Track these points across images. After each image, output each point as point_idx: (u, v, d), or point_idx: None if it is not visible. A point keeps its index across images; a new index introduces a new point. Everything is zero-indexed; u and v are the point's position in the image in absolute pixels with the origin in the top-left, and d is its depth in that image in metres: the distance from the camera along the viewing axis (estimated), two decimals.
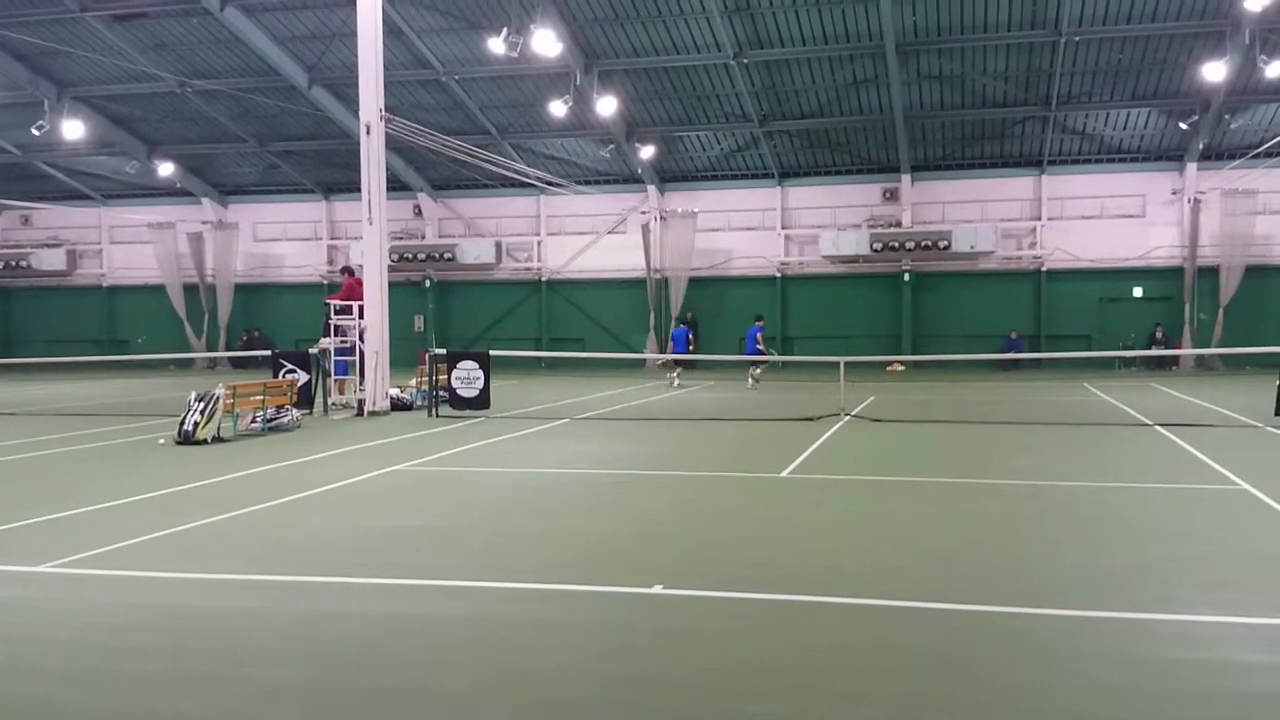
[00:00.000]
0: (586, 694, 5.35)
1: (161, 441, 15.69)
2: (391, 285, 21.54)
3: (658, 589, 7.16)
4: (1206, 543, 8.63)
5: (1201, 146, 33.01)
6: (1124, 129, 33.46)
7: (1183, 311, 34.13)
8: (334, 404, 20.33)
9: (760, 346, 28.07)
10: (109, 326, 42.55)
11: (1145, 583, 7.40)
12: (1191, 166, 33.72)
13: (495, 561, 8.12)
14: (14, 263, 42.08)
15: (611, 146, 35.20)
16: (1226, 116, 31.76)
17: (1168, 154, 34.20)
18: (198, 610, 6.86)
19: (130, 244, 42.44)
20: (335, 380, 20.89)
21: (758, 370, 28.62)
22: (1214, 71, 28.11)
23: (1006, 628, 6.35)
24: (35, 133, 33.79)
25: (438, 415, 19.37)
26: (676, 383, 28.44)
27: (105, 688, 5.48)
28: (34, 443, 15.83)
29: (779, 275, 37.19)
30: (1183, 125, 32.13)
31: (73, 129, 34.00)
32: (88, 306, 42.91)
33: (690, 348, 29.49)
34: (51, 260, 42.17)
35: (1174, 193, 34.32)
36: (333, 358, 20.78)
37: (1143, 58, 29.87)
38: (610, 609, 6.88)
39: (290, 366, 20.57)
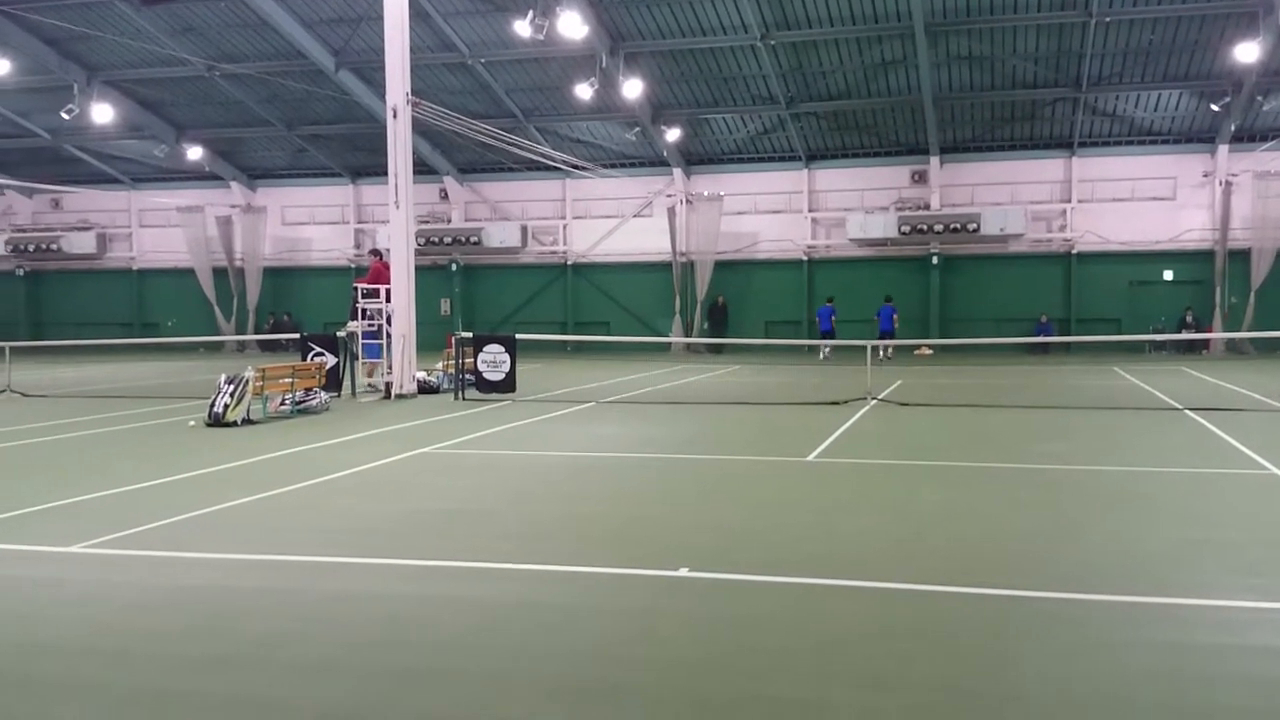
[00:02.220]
0: (611, 676, 5.36)
1: (192, 424, 15.81)
2: (418, 269, 21.58)
3: (684, 572, 7.17)
4: (1238, 528, 8.56)
5: (1233, 128, 32.61)
6: (1155, 111, 33.10)
7: (1214, 295, 33.80)
8: (369, 385, 20.37)
9: (895, 326, 32.45)
10: (139, 309, 42.87)
11: (1177, 568, 7.35)
12: (1223, 149, 33.32)
13: (520, 544, 8.14)
14: (44, 246, 42.43)
15: (637, 129, 35.11)
16: (1259, 98, 31.36)
17: (1199, 136, 33.82)
18: (226, 591, 6.92)
19: (159, 227, 42.73)
20: (366, 363, 20.99)
21: (889, 349, 31.37)
22: (1246, 52, 27.74)
23: (1037, 613, 6.32)
24: (65, 117, 34.00)
25: (464, 398, 19.42)
26: (824, 354, 31.68)
27: (134, 667, 5.54)
28: (65, 424, 15.98)
29: (806, 258, 37.05)
30: (1214, 107, 31.76)
31: (102, 113, 34.17)
32: (118, 289, 43.25)
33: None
34: (81, 243, 42.49)
35: (1205, 175, 33.95)
36: (363, 340, 20.88)
37: (1174, 39, 29.52)
38: (636, 592, 6.88)
39: (318, 349, 20.66)
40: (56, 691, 5.23)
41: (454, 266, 39.81)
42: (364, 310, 20.96)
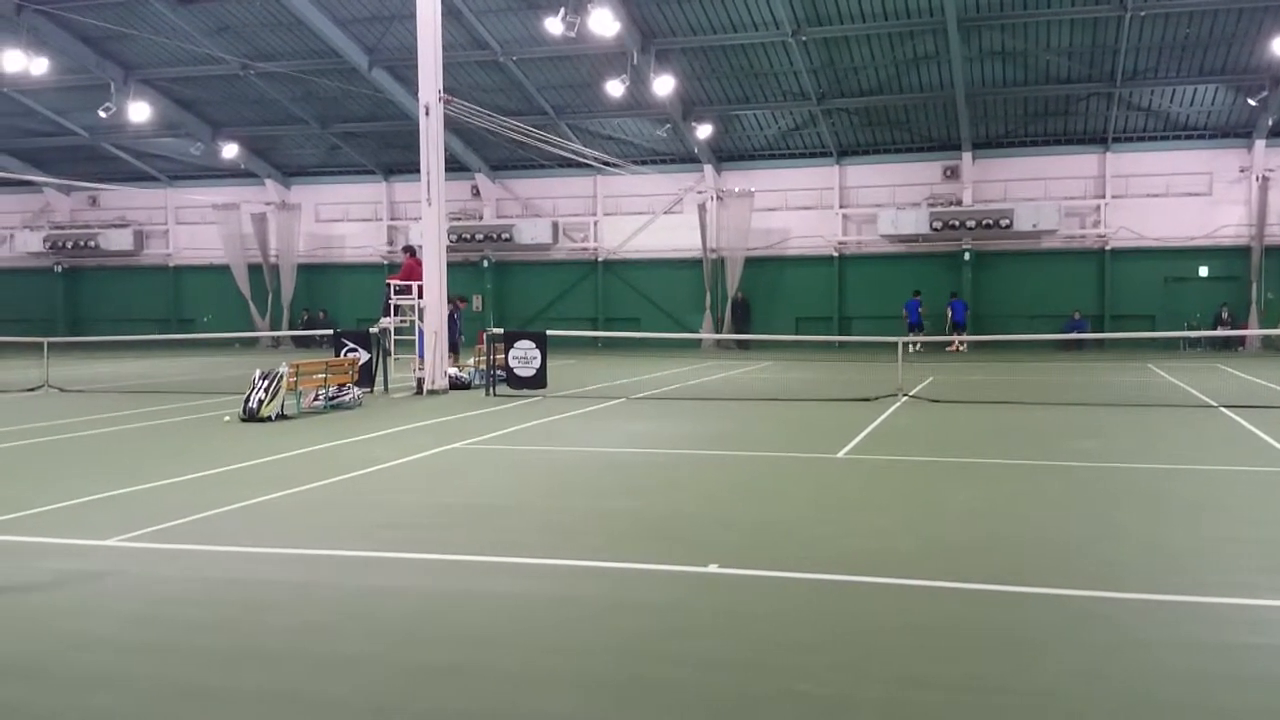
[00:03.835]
0: (640, 672, 5.39)
1: (227, 419, 15.96)
2: (450, 265, 21.69)
3: (713, 568, 7.18)
4: (1272, 527, 8.49)
5: (1270, 123, 32.26)
6: (1190, 105, 32.77)
7: (1250, 291, 33.45)
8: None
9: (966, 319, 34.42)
10: (175, 306, 43.28)
11: (1209, 566, 7.30)
12: (1260, 143, 32.98)
13: (551, 539, 8.19)
14: (82, 243, 42.93)
15: (668, 126, 35.11)
16: None
17: (1235, 131, 33.47)
18: (258, 584, 7.00)
19: (195, 224, 43.10)
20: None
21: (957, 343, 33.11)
22: None
23: (1067, 610, 6.30)
24: (102, 115, 34.36)
25: (495, 394, 19.51)
26: (913, 348, 32.36)
27: (169, 660, 5.61)
28: (102, 419, 16.17)
29: (836, 255, 36.95)
30: (1251, 101, 31.40)
31: (139, 111, 34.52)
32: (154, 286, 43.66)
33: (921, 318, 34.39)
34: (119, 240, 42.97)
35: (1241, 170, 33.60)
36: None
37: (1210, 32, 29.23)
38: (665, 588, 6.91)
39: (351, 345, 20.80)
40: (93, 682, 5.31)
41: (485, 263, 39.95)
42: (396, 307, 21.12)
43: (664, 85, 31.43)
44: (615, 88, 31.22)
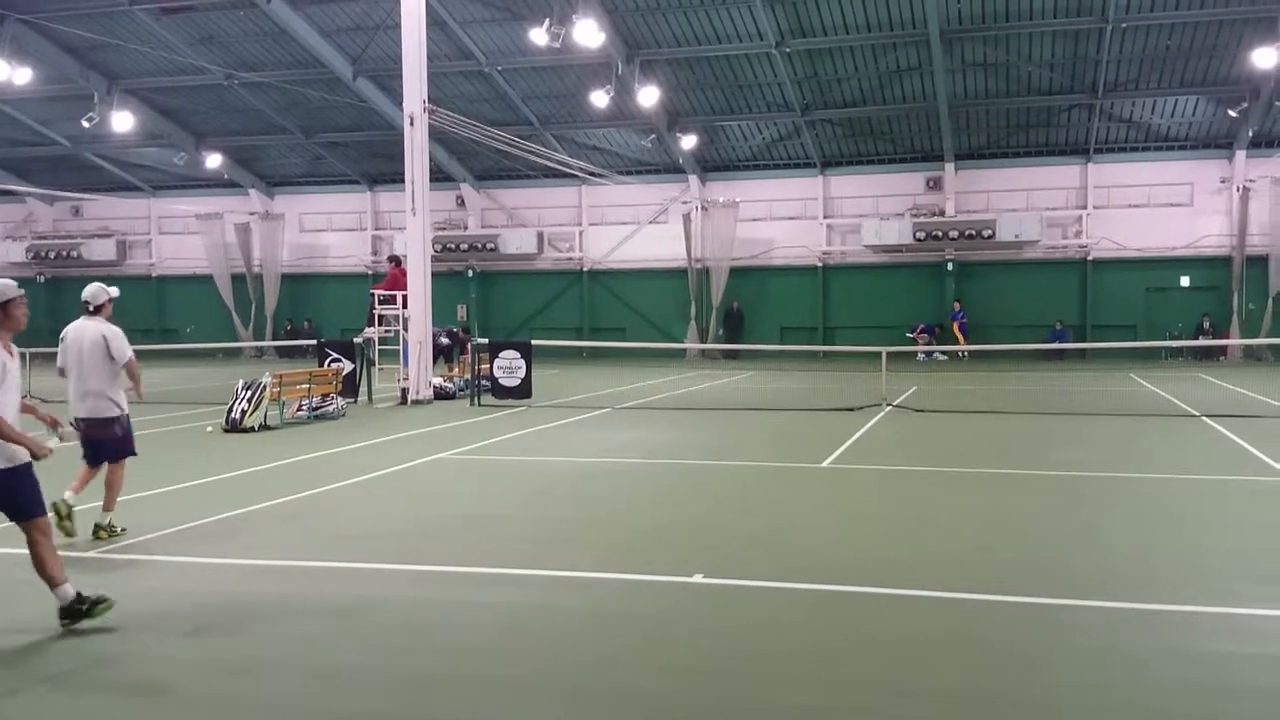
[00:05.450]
0: (626, 682, 5.40)
1: (209, 429, 15.92)
2: (435, 275, 21.68)
3: (698, 579, 7.20)
4: (1256, 536, 8.55)
5: (1251, 134, 32.47)
6: (1172, 117, 32.99)
7: (1231, 301, 33.63)
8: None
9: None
10: (158, 316, 43.05)
11: (1194, 576, 7.35)
12: (1240, 154, 33.17)
13: (536, 550, 8.19)
14: (65, 253, 42.67)
15: (653, 136, 35.15)
16: (1277, 103, 31.20)
17: (1216, 142, 33.67)
18: (246, 596, 6.98)
19: (179, 234, 42.90)
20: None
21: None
22: (1264, 58, 27.58)
23: (1053, 620, 6.33)
24: (85, 125, 34.19)
25: (480, 404, 19.50)
26: (921, 357, 33.32)
27: (155, 671, 5.59)
28: None
29: (821, 265, 37.02)
30: (1232, 113, 31.59)
31: (122, 121, 34.36)
32: (137, 296, 43.28)
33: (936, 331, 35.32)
34: (102, 250, 42.74)
35: (1222, 181, 33.79)
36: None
37: (1191, 44, 29.42)
38: (651, 598, 6.92)
39: (335, 355, 20.77)
40: (81, 694, 5.29)
41: (470, 273, 39.90)
42: (380, 317, 21.11)
43: (649, 96, 31.49)
44: (600, 98, 31.26)
